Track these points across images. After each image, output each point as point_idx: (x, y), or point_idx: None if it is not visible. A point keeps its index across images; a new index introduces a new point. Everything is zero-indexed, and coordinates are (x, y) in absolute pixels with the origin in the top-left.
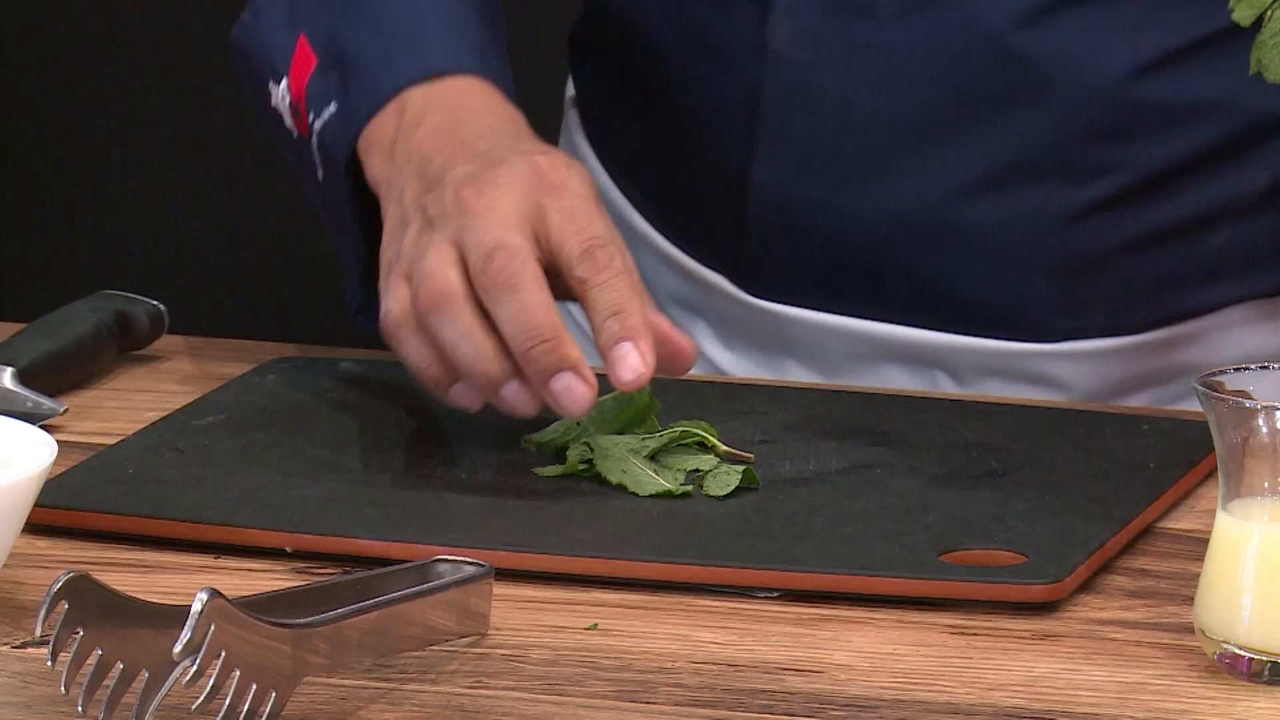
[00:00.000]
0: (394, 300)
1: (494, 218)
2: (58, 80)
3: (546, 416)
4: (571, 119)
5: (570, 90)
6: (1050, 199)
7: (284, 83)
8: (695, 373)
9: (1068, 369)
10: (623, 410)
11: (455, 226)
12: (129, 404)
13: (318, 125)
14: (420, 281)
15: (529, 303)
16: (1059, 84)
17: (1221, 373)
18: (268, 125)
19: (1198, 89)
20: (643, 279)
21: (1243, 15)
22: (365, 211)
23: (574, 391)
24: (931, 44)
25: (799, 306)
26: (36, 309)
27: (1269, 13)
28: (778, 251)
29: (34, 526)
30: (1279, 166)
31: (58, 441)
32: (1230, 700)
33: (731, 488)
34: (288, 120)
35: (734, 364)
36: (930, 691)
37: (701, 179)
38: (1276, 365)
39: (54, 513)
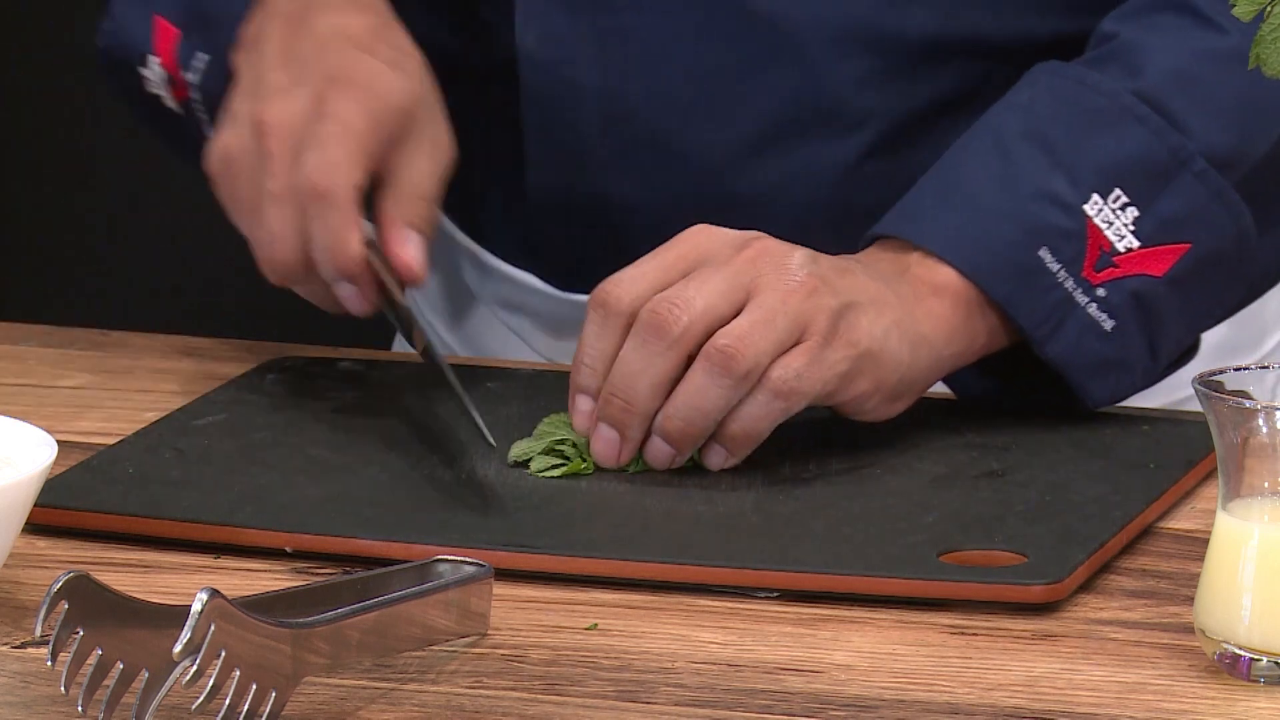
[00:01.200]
0: (215, 141)
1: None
2: (58, 80)
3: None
4: None
5: None
6: (819, 153)
7: (152, 61)
8: None
9: None
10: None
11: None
12: (129, 404)
13: (196, 79)
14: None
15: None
16: (802, 35)
17: (1222, 373)
18: (148, 119)
19: (941, 26)
20: (464, 285)
21: (1243, 11)
22: None
23: (351, 302)
24: (673, 24)
25: None
26: (37, 309)
27: (1269, 8)
28: (571, 247)
29: (34, 526)
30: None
31: (58, 441)
32: (1230, 700)
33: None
34: (166, 96)
35: (567, 357)
36: (930, 691)
37: (494, 189)
38: (1277, 365)
39: (54, 513)
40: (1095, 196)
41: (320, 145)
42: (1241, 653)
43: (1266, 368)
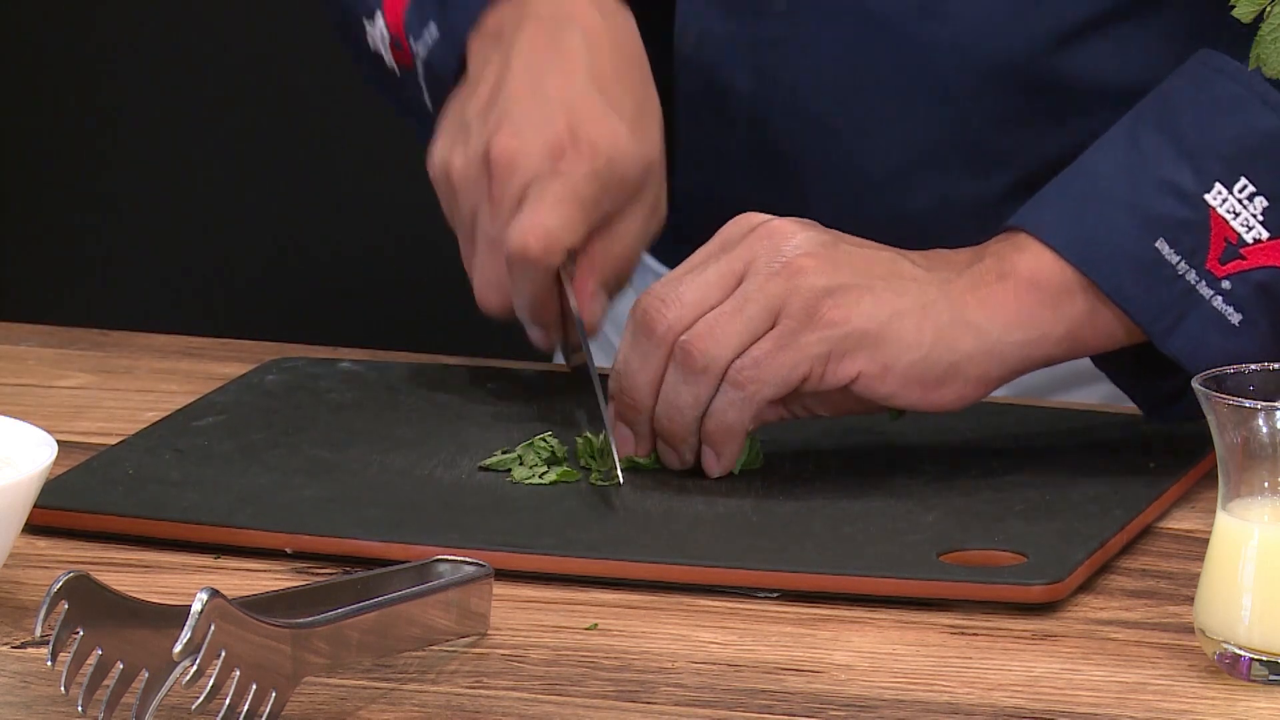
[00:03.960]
0: (441, 147)
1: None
2: (59, 80)
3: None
4: None
5: None
6: (963, 186)
7: (379, 19)
8: None
9: None
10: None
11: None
12: (129, 404)
13: (422, 51)
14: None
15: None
16: (958, 71)
17: (1222, 373)
18: (365, 71)
19: (1097, 74)
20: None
21: (1243, 11)
22: None
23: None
24: (827, 41)
25: None
26: (37, 309)
27: (1269, 9)
28: None
29: (34, 526)
30: None
31: (58, 441)
32: (1230, 700)
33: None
34: (388, 58)
35: None
36: (930, 691)
37: None
38: (1277, 365)
39: (54, 513)
40: (1219, 186)
41: (541, 204)
42: (1241, 653)
43: (1267, 368)
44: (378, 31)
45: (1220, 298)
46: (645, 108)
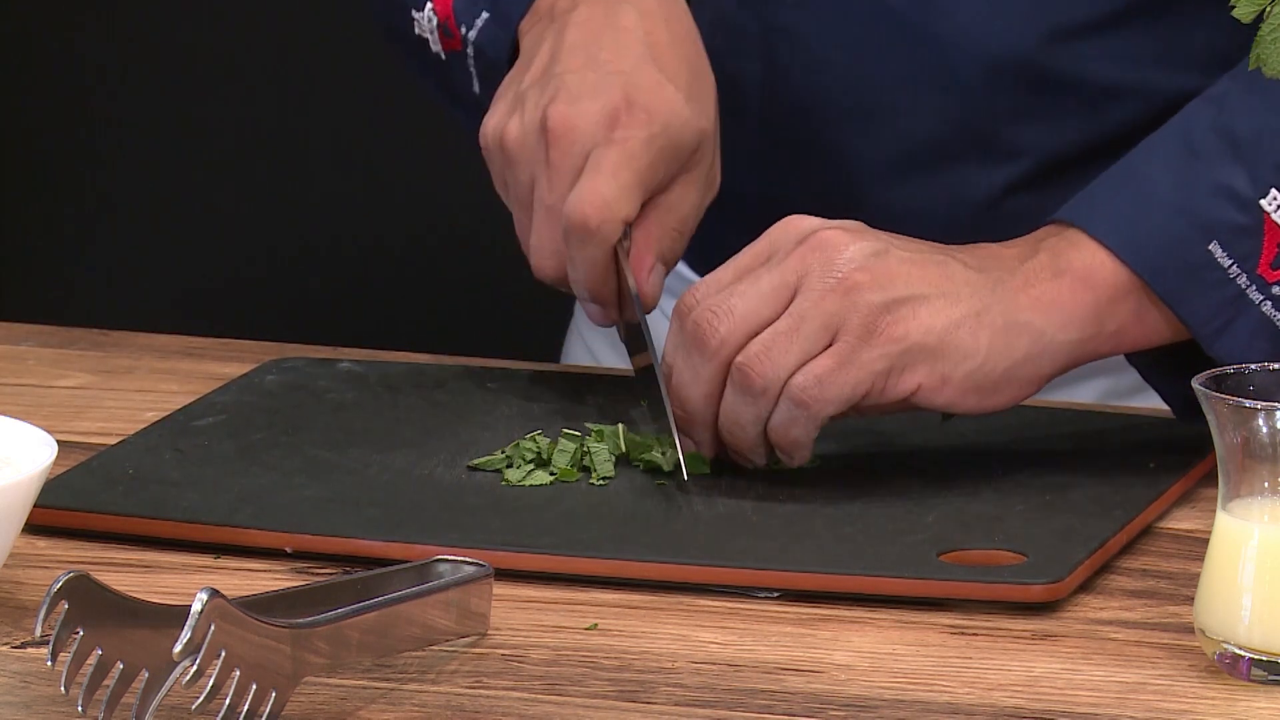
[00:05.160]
0: (496, 118)
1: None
2: (59, 80)
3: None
4: None
5: None
6: (968, 179)
7: (428, 7)
8: None
9: None
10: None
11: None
12: (129, 404)
13: (472, 35)
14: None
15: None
16: (965, 63)
17: (1222, 373)
18: (406, 56)
19: (1105, 71)
20: None
21: (1243, 12)
22: None
23: (595, 317)
24: (838, 30)
25: None
26: (37, 309)
27: (1269, 9)
28: (717, 238)
29: (34, 526)
30: None
31: (58, 441)
32: (1230, 700)
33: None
34: (435, 44)
35: None
36: (930, 691)
37: None
38: (1276, 365)
39: (54, 513)
40: (1274, 192)
41: (598, 172)
42: (1241, 653)
43: (1267, 368)
44: (425, 19)
45: (1270, 303)
46: (700, 79)
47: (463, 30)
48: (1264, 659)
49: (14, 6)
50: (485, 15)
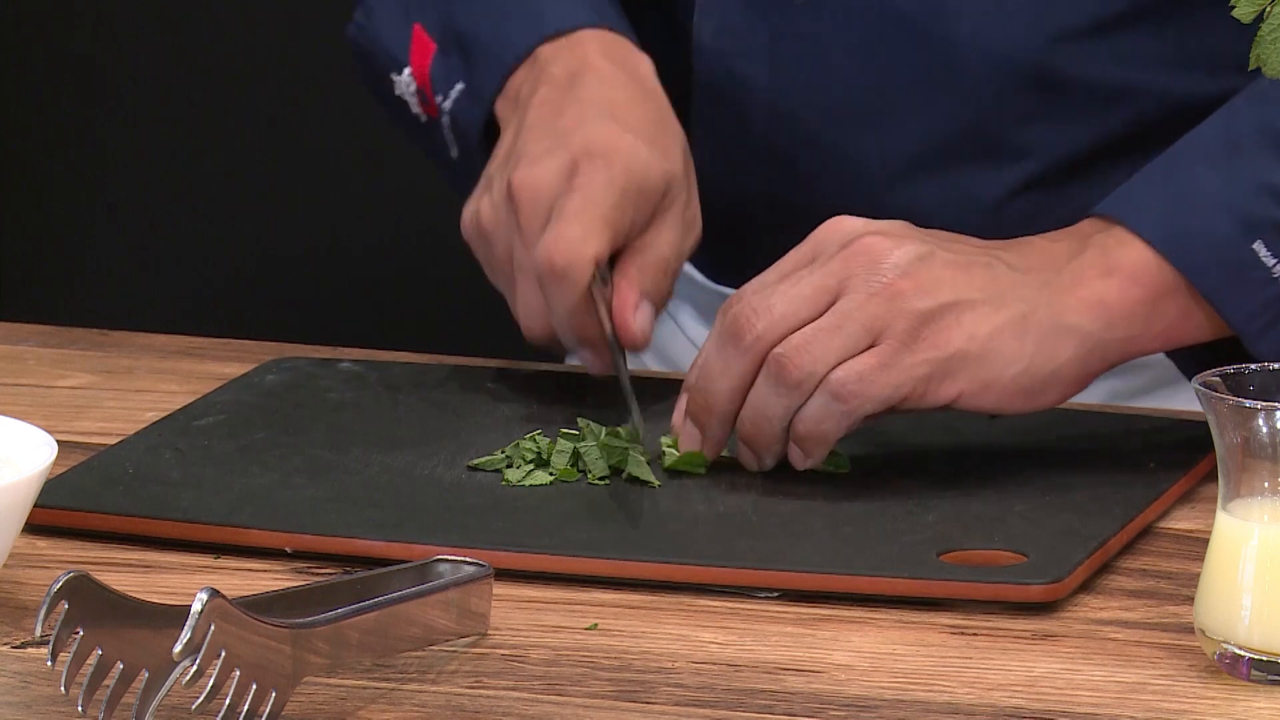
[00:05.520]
0: (470, 205)
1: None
2: (59, 79)
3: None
4: None
5: None
6: (975, 181)
7: (406, 72)
8: None
9: None
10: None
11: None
12: (129, 404)
13: (448, 105)
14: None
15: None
16: (972, 65)
17: (1222, 373)
18: (391, 114)
19: (1113, 73)
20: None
21: (1243, 12)
22: None
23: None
24: (845, 33)
25: None
26: (37, 309)
27: (1269, 9)
28: (730, 241)
29: (34, 526)
30: None
31: (58, 441)
32: (1230, 700)
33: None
34: (414, 107)
35: None
36: (930, 691)
37: None
38: (1276, 365)
39: (54, 513)
40: None
41: (562, 219)
42: (1241, 653)
43: (1267, 368)
44: (404, 82)
45: None
46: (662, 129)
47: (438, 99)
48: (1264, 659)
49: (14, 6)
50: (460, 86)
